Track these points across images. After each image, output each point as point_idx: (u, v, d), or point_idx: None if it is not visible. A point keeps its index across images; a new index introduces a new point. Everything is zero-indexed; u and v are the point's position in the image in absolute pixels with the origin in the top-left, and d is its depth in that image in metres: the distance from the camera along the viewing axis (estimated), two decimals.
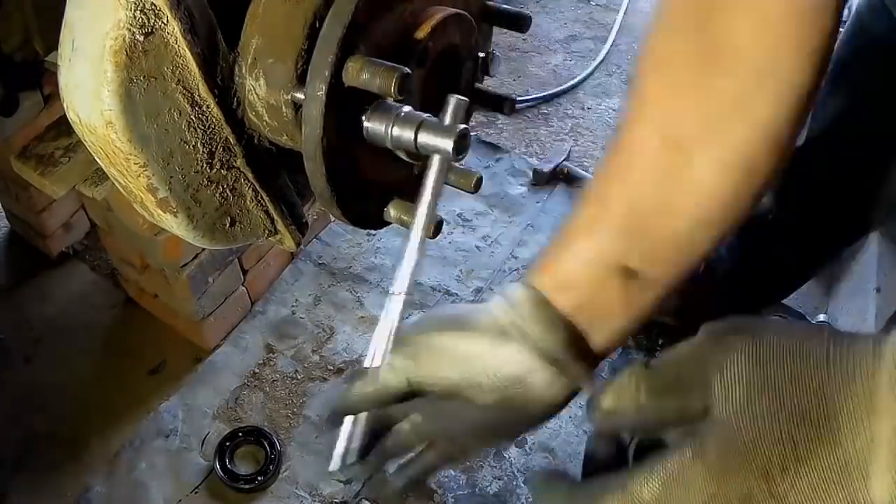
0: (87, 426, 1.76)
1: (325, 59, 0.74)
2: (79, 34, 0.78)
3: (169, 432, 1.76)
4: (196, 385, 1.84)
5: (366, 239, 2.15)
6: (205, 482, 1.69)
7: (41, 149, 1.26)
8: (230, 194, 0.90)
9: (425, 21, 0.81)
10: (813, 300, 2.00)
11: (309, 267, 2.08)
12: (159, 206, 0.86)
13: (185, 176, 0.84)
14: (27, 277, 2.02)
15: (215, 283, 1.82)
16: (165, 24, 0.76)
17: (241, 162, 0.88)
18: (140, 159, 0.80)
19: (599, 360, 0.61)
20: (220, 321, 1.90)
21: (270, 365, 1.89)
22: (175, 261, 1.69)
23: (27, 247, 2.08)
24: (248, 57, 0.82)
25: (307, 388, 1.85)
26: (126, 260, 1.86)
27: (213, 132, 0.84)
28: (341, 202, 0.83)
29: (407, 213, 0.86)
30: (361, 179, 0.85)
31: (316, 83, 0.75)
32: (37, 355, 1.89)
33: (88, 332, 1.94)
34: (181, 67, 0.79)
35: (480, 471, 1.74)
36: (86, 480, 1.69)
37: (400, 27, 0.80)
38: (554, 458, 1.76)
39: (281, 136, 0.86)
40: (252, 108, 0.84)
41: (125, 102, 0.77)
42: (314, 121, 0.76)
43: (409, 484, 0.67)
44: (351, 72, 0.75)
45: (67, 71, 0.80)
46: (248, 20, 0.82)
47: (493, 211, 2.23)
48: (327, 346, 1.93)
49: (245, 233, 0.94)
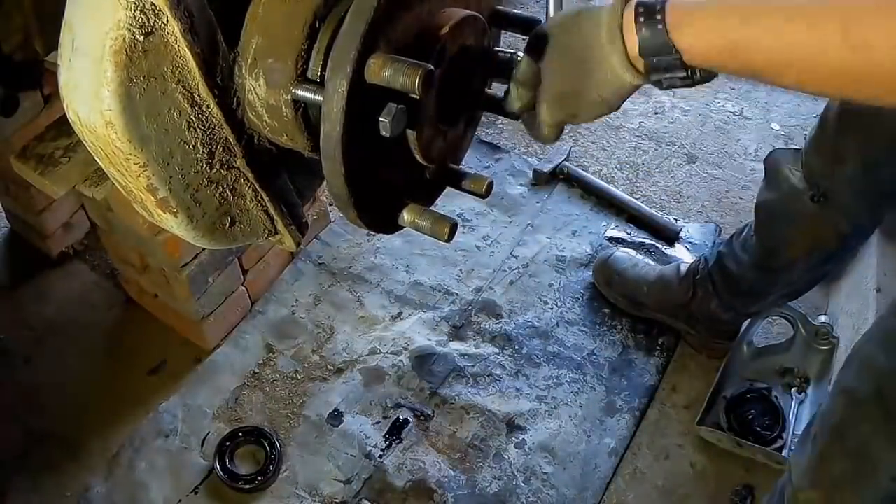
0: (87, 426, 1.76)
1: (347, 54, 0.73)
2: (79, 34, 0.78)
3: (169, 432, 1.77)
4: (196, 385, 1.84)
5: (366, 239, 2.15)
6: (205, 482, 1.70)
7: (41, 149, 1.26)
8: (230, 194, 0.90)
9: (444, 21, 0.81)
10: (813, 300, 2.00)
11: (309, 267, 2.08)
12: (159, 206, 0.86)
13: (185, 176, 0.84)
14: (27, 277, 2.03)
15: (215, 283, 1.82)
16: (165, 23, 0.76)
17: (241, 162, 0.88)
18: (140, 159, 0.80)
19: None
20: (220, 321, 1.90)
21: (270, 365, 1.89)
22: (175, 261, 1.69)
23: (27, 247, 2.08)
24: (248, 57, 0.82)
25: (307, 388, 1.85)
26: (126, 260, 1.86)
27: (213, 132, 0.84)
28: (358, 204, 0.82)
29: (421, 217, 0.86)
30: (377, 181, 0.84)
31: (337, 79, 0.74)
32: (37, 355, 1.89)
33: (88, 332, 1.94)
34: (181, 67, 0.79)
35: (480, 471, 1.74)
36: (86, 480, 1.69)
37: (418, 26, 0.80)
38: (554, 458, 1.76)
39: (281, 136, 0.86)
40: (252, 108, 0.84)
41: (125, 102, 0.77)
42: (334, 118, 0.74)
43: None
44: (373, 68, 0.73)
45: (67, 71, 0.80)
46: (248, 20, 0.82)
47: (492, 211, 2.23)
48: (327, 346, 1.93)
49: (245, 233, 0.94)
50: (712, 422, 1.76)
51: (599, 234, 2.18)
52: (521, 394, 1.86)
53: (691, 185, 2.32)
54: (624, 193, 2.25)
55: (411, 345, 1.93)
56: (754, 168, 2.31)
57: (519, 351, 1.94)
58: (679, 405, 1.85)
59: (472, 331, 1.98)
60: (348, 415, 1.81)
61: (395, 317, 2.00)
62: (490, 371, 1.90)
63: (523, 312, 2.01)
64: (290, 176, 0.95)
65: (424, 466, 1.74)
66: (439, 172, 0.93)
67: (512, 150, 2.40)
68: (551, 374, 1.90)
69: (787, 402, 1.78)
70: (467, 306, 2.02)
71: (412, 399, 1.84)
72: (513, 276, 2.09)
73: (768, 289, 1.73)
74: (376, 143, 0.79)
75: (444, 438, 1.79)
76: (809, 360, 1.83)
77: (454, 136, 0.92)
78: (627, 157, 2.39)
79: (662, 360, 1.92)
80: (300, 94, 0.80)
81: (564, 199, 2.28)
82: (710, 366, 1.89)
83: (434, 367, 1.90)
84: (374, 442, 1.77)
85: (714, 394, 1.79)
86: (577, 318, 2.01)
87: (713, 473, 1.74)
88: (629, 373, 1.90)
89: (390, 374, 1.88)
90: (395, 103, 0.76)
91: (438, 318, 1.99)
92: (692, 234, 2.18)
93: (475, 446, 1.78)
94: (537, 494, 1.71)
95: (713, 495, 1.71)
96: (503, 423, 1.81)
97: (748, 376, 1.83)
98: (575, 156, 2.37)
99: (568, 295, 2.05)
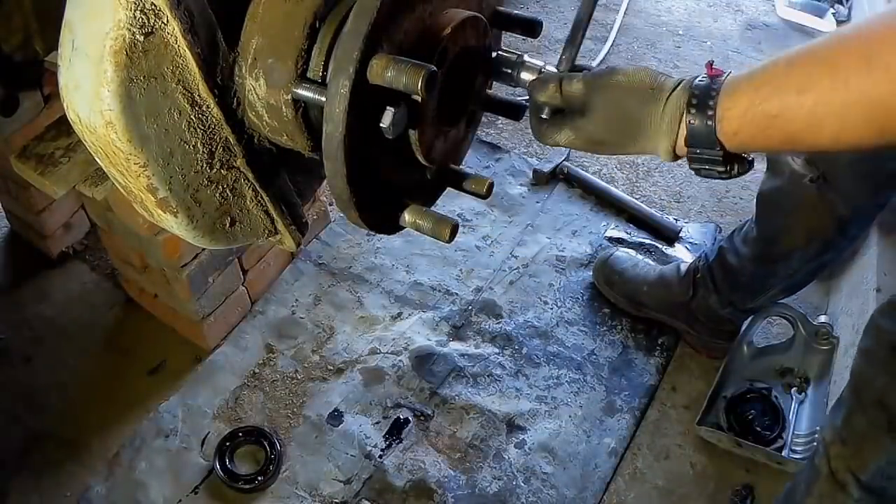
0: (87, 426, 1.76)
1: (350, 55, 0.73)
2: (79, 34, 0.78)
3: (169, 432, 1.76)
4: (196, 385, 1.84)
5: (366, 239, 2.15)
6: (205, 482, 1.69)
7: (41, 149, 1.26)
8: (230, 194, 0.90)
9: (445, 22, 0.81)
10: (813, 300, 2.00)
11: (309, 267, 2.08)
12: (159, 206, 0.86)
13: (185, 176, 0.84)
14: (27, 277, 2.03)
15: (215, 283, 1.82)
16: (165, 23, 0.76)
17: (241, 162, 0.88)
18: (140, 159, 0.80)
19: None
20: (220, 321, 1.90)
21: (270, 365, 1.89)
22: (175, 261, 1.69)
23: (27, 247, 2.08)
24: (248, 57, 0.82)
25: (307, 388, 1.85)
26: (126, 260, 1.86)
27: (213, 132, 0.84)
28: (360, 204, 0.82)
29: (422, 218, 0.86)
30: (378, 182, 0.84)
31: (339, 80, 0.73)
32: (37, 355, 1.89)
33: (88, 332, 1.94)
34: (181, 67, 0.79)
35: (480, 471, 1.74)
36: (86, 480, 1.69)
37: (420, 27, 0.80)
38: (554, 458, 1.76)
39: (281, 136, 0.86)
40: (252, 108, 0.84)
41: (125, 102, 0.77)
42: (337, 119, 0.74)
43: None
44: (376, 69, 0.73)
45: (67, 71, 0.80)
46: (248, 20, 0.82)
47: (492, 211, 2.23)
48: (327, 346, 1.93)
49: (245, 233, 0.94)
50: (712, 422, 1.76)
51: (599, 234, 2.18)
52: (521, 394, 1.86)
53: (691, 185, 2.32)
54: (624, 193, 2.25)
55: (411, 345, 1.93)
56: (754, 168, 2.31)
57: (519, 351, 1.94)
58: (679, 405, 1.85)
59: (472, 331, 1.98)
60: (348, 415, 1.81)
61: (395, 317, 2.00)
62: (490, 371, 1.90)
63: (523, 312, 2.01)
64: (290, 176, 0.95)
65: (424, 466, 1.74)
66: (440, 173, 0.93)
67: (512, 150, 2.40)
68: (551, 374, 1.90)
69: (787, 402, 1.78)
70: (467, 306, 2.02)
71: (412, 399, 1.84)
72: (513, 276, 2.09)
73: (768, 281, 1.74)
74: (378, 143, 0.79)
75: (444, 438, 1.79)
76: (809, 360, 1.83)
77: (455, 137, 0.92)
78: (627, 157, 2.39)
79: (662, 360, 1.92)
80: (300, 93, 0.80)
81: (564, 199, 2.28)
82: (710, 366, 1.89)
83: (434, 367, 1.90)
84: (374, 442, 1.77)
85: (714, 394, 1.79)
86: (577, 318, 2.01)
87: (713, 473, 1.74)
88: (629, 373, 1.90)
89: (390, 374, 1.88)
90: (396, 104, 0.76)
91: (438, 318, 1.99)
92: (692, 234, 2.18)
93: (475, 446, 1.78)
94: (537, 494, 1.71)
95: (713, 495, 1.71)
96: (503, 423, 1.81)
97: (748, 376, 1.83)
98: (575, 156, 2.37)
99: (568, 295, 2.05)
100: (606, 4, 2.97)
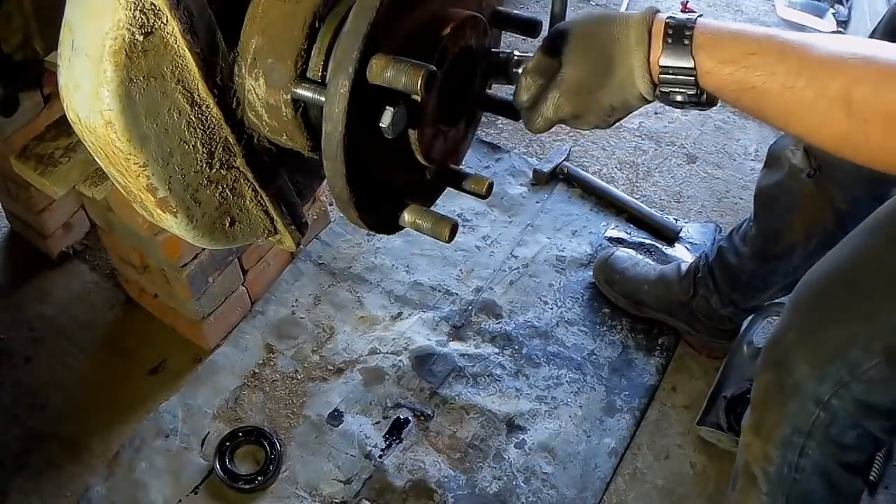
0: (87, 426, 1.77)
1: (350, 55, 0.73)
2: (79, 34, 0.78)
3: (169, 432, 1.77)
4: (196, 385, 1.85)
5: (366, 239, 2.15)
6: (205, 482, 1.70)
7: (41, 149, 1.26)
8: (230, 194, 0.90)
9: (445, 22, 0.81)
10: None
11: (309, 267, 2.09)
12: (159, 206, 0.86)
13: (185, 176, 0.84)
14: (27, 277, 2.03)
15: (215, 283, 1.82)
16: (165, 23, 0.76)
17: (240, 162, 0.88)
18: (140, 159, 0.80)
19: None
20: (220, 321, 1.90)
21: (270, 365, 1.89)
22: (175, 261, 1.69)
23: (27, 247, 2.08)
24: (247, 57, 0.82)
25: (307, 388, 1.85)
26: (126, 260, 1.86)
27: (213, 132, 0.84)
28: (360, 204, 0.82)
29: (422, 217, 0.86)
30: (378, 182, 0.84)
31: (339, 80, 0.73)
32: (37, 355, 1.89)
33: (88, 332, 1.94)
34: (181, 67, 0.79)
35: (480, 471, 1.74)
36: (86, 480, 1.69)
37: (419, 27, 0.80)
38: (554, 458, 1.76)
39: (280, 136, 0.86)
40: (252, 108, 0.84)
41: (125, 102, 0.77)
42: (336, 118, 0.74)
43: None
44: (375, 69, 0.73)
45: (67, 71, 0.80)
46: (248, 20, 0.82)
47: (492, 211, 2.23)
48: (327, 346, 1.93)
49: (245, 233, 0.94)
50: (712, 422, 1.76)
51: (599, 234, 2.18)
52: (521, 394, 1.86)
53: (691, 185, 2.32)
54: (624, 193, 2.25)
55: (411, 345, 1.93)
56: (754, 168, 2.31)
57: (519, 351, 1.94)
58: (679, 405, 1.85)
59: (472, 331, 1.98)
60: (348, 415, 1.81)
61: (395, 317, 2.00)
62: (490, 371, 1.90)
63: (523, 312, 2.01)
64: (290, 176, 0.95)
65: (424, 466, 1.74)
66: (440, 173, 0.93)
67: (512, 150, 2.40)
68: (551, 374, 1.90)
69: None
70: (467, 306, 2.02)
71: (412, 399, 1.84)
72: (513, 276, 2.09)
73: (769, 279, 1.74)
74: (377, 143, 0.79)
75: (444, 438, 1.79)
76: None
77: (455, 137, 0.92)
78: (627, 157, 2.39)
79: (662, 360, 1.92)
80: (300, 93, 0.80)
81: (564, 199, 2.28)
82: (710, 366, 1.89)
83: (434, 367, 1.90)
84: (374, 442, 1.77)
85: (714, 394, 1.79)
86: (577, 318, 2.01)
87: (713, 473, 1.74)
88: (629, 373, 1.90)
89: (390, 374, 1.88)
90: (396, 104, 0.76)
91: (438, 318, 1.99)
92: (692, 234, 2.18)
93: (475, 446, 1.78)
94: (537, 494, 1.71)
95: (713, 495, 1.71)
96: (503, 423, 1.81)
97: (748, 376, 1.83)
98: (575, 156, 2.37)
99: (568, 295, 2.05)
100: (606, 4, 2.97)
